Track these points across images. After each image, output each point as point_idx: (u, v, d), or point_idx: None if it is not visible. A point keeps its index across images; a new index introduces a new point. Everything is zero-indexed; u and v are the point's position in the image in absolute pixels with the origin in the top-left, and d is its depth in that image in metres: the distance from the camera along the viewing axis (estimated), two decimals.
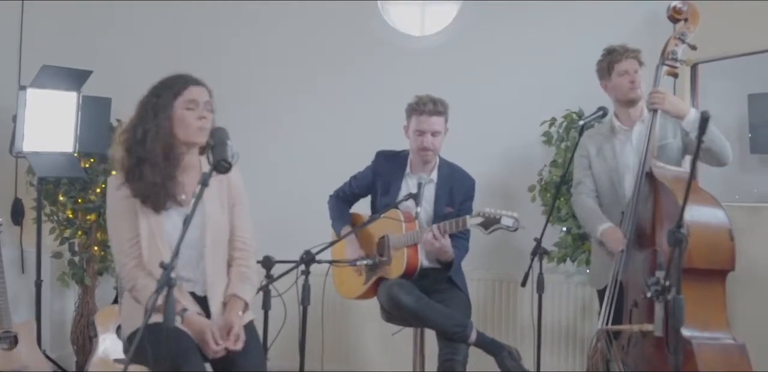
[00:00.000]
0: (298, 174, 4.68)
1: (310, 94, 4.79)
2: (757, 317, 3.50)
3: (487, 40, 4.65)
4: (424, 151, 3.46)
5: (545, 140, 4.42)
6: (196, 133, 2.52)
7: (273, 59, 4.83)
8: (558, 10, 4.52)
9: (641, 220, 3.01)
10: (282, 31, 4.87)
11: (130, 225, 2.55)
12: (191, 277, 2.60)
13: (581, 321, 4.40)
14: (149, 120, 2.55)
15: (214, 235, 2.63)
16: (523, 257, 4.43)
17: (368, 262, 3.16)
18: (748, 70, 3.94)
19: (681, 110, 3.11)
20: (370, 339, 4.62)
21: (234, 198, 2.72)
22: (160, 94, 2.57)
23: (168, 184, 2.53)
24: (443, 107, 3.47)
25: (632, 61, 3.33)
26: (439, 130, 3.46)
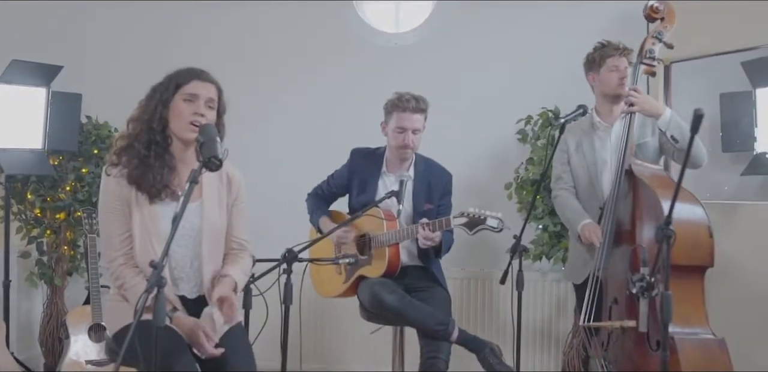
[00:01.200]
0: (275, 172, 4.65)
1: (287, 92, 4.77)
2: (728, 313, 3.55)
3: (462, 38, 4.67)
4: (404, 148, 3.45)
5: (520, 138, 4.45)
6: (188, 129, 2.48)
7: (249, 57, 4.78)
8: (533, 9, 4.56)
9: (620, 217, 3.04)
10: (258, 29, 4.85)
11: (122, 220, 2.50)
12: (183, 278, 2.56)
13: (556, 318, 4.44)
14: (145, 105, 2.54)
15: (211, 236, 2.59)
16: (498, 255, 4.49)
17: (350, 260, 3.13)
18: (720, 70, 4.01)
19: (657, 109, 3.15)
20: (348, 338, 4.60)
21: (234, 197, 2.68)
22: (165, 83, 2.55)
23: (162, 171, 2.49)
24: (425, 104, 3.47)
25: (624, 59, 3.37)
26: (420, 127, 3.46)
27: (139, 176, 2.47)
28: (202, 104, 2.51)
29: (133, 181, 2.48)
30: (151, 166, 2.47)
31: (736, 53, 3.91)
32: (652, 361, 2.74)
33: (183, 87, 2.52)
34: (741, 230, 3.80)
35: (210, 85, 2.57)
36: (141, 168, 2.47)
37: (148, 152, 2.48)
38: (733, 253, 3.58)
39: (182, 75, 2.56)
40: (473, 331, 3.37)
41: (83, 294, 4.46)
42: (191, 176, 2.16)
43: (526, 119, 4.36)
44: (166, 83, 2.55)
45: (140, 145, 2.49)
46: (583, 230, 3.27)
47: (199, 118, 2.48)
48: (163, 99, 2.51)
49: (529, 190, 4.23)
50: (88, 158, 4.51)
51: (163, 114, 2.50)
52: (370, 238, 3.47)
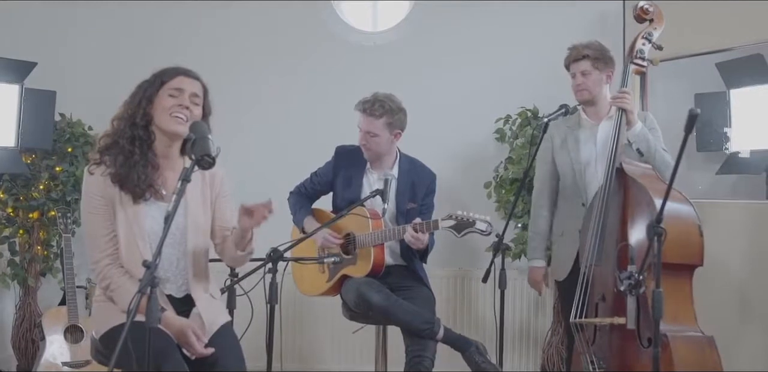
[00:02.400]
0: (255, 171, 4.60)
1: (266, 91, 4.73)
2: (706, 310, 3.61)
3: (440, 37, 4.69)
4: (364, 147, 3.49)
5: (498, 137, 4.47)
6: (171, 121, 2.44)
7: (227, 56, 4.72)
8: (511, 9, 4.59)
9: (609, 214, 3.06)
10: (236, 28, 4.79)
11: (106, 220, 2.45)
12: (169, 278, 2.52)
13: (534, 316, 4.47)
14: (133, 103, 2.49)
15: (196, 236, 2.55)
16: (476, 253, 4.52)
17: (335, 259, 3.11)
18: (695, 71, 4.07)
19: (635, 117, 3.18)
20: (329, 337, 4.58)
21: (217, 192, 2.64)
22: (150, 80, 2.51)
23: (145, 170, 2.44)
24: (382, 110, 3.43)
25: (581, 63, 3.37)
26: (375, 131, 3.44)
27: (123, 175, 2.42)
28: (187, 98, 2.48)
29: (117, 181, 2.43)
30: (135, 164, 2.43)
31: (711, 54, 3.98)
32: (643, 358, 2.76)
33: (168, 82, 2.49)
34: (715, 229, 3.83)
35: (195, 82, 2.54)
36: (125, 166, 2.42)
37: (132, 148, 2.44)
38: (708, 252, 3.63)
39: (168, 72, 2.53)
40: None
41: (57, 295, 4.39)
42: (183, 174, 2.12)
43: (505, 118, 4.38)
44: (152, 80, 2.52)
45: (124, 141, 2.45)
46: (529, 274, 3.60)
47: (183, 110, 2.45)
48: (148, 95, 2.48)
49: (508, 189, 4.26)
50: (62, 157, 4.42)
51: (147, 110, 2.47)
52: (354, 238, 3.46)
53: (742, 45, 3.83)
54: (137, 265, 2.37)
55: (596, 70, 3.35)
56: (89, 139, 4.52)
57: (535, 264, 3.55)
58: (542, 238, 3.54)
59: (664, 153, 3.22)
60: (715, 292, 3.77)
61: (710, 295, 3.75)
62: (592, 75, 3.36)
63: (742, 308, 3.68)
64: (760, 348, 3.54)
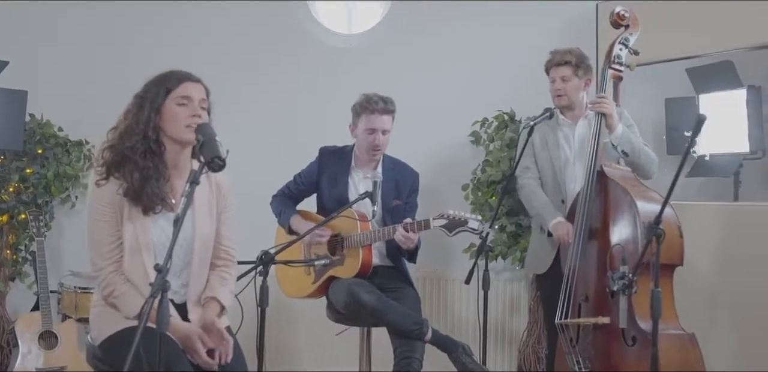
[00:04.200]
0: (235, 173, 4.57)
1: (243, 93, 4.68)
2: (681, 309, 3.72)
3: (416, 39, 4.71)
4: (375, 149, 3.49)
5: (473, 140, 4.52)
6: (186, 131, 2.39)
7: (201, 57, 4.65)
8: (487, 12, 4.63)
9: (591, 216, 3.13)
10: (210, 29, 4.75)
11: (112, 227, 2.41)
12: (171, 286, 2.48)
13: (510, 317, 4.53)
14: (134, 114, 2.41)
15: (202, 245, 2.52)
16: (451, 254, 4.56)
17: (325, 262, 3.12)
18: (666, 76, 4.16)
19: (615, 121, 3.25)
20: (312, 339, 4.57)
21: (223, 204, 2.61)
22: (151, 89, 2.43)
23: (158, 183, 2.39)
24: (393, 106, 3.51)
25: (562, 69, 3.45)
26: (389, 128, 3.50)
27: (138, 191, 2.37)
28: (197, 106, 2.43)
29: (131, 196, 2.38)
30: (149, 178, 2.38)
31: (681, 60, 4.08)
32: (628, 356, 2.84)
33: (174, 91, 2.42)
34: (684, 230, 3.94)
35: (200, 86, 2.50)
36: (140, 181, 2.37)
37: (146, 163, 2.38)
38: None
39: (171, 78, 2.45)
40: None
41: (27, 300, 4.30)
42: (191, 177, 2.10)
43: (482, 121, 4.43)
44: (155, 90, 2.43)
45: (138, 156, 2.38)
46: (556, 229, 3.35)
47: (197, 119, 2.40)
48: (156, 106, 2.40)
49: (485, 191, 4.30)
50: (33, 158, 4.33)
51: (156, 121, 2.40)
52: (342, 239, 3.47)
53: (712, 52, 3.94)
54: (138, 277, 2.38)
55: (576, 76, 3.45)
56: (60, 141, 4.45)
57: (558, 220, 3.36)
58: (549, 205, 3.45)
59: (648, 149, 3.32)
60: (685, 292, 3.87)
61: (680, 295, 3.85)
62: (572, 81, 3.45)
63: (711, 308, 3.78)
64: (729, 347, 3.64)
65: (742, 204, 3.91)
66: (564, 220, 3.37)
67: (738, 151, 3.92)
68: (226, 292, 2.57)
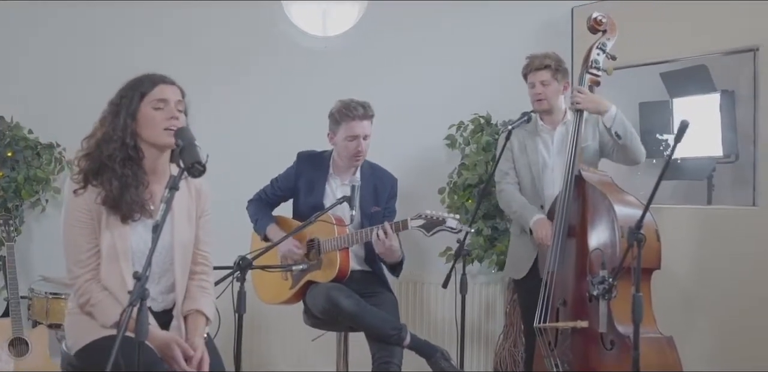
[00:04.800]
0: (209, 177, 4.52)
1: (217, 96, 4.61)
2: (656, 312, 3.74)
3: (392, 42, 4.70)
4: (357, 156, 3.46)
5: (449, 144, 4.52)
6: (165, 135, 2.35)
7: (174, 59, 4.59)
8: (463, 16, 4.63)
9: (569, 220, 3.15)
10: (183, 30, 4.70)
11: (89, 234, 2.36)
12: (149, 294, 2.44)
13: (485, 320, 4.53)
14: (110, 121, 2.36)
15: (182, 252, 2.49)
16: (426, 258, 4.55)
17: (303, 266, 3.10)
18: (640, 80, 4.19)
19: (602, 107, 3.27)
20: (288, 345, 4.55)
21: (202, 209, 2.57)
22: (126, 95, 2.38)
23: (137, 190, 2.35)
24: (372, 110, 3.48)
25: (541, 73, 3.47)
26: (370, 133, 3.47)
27: (117, 199, 2.33)
28: (174, 108, 2.39)
29: (110, 204, 2.34)
30: (128, 186, 2.34)
31: (656, 65, 4.12)
32: (606, 360, 2.85)
33: (149, 94, 2.38)
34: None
35: (175, 88, 2.45)
36: (119, 189, 2.33)
37: (124, 171, 2.34)
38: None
39: (144, 82, 2.40)
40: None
41: (1, 305, 4.20)
42: (171, 182, 2.07)
43: (458, 125, 4.43)
44: (129, 95, 2.38)
45: (117, 164, 2.34)
46: (536, 227, 3.35)
47: (175, 121, 2.36)
48: (131, 111, 2.36)
49: (461, 194, 4.30)
50: (2, 161, 4.25)
51: (133, 127, 2.35)
52: (319, 243, 3.44)
53: (686, 56, 3.98)
54: (116, 284, 2.34)
55: (555, 80, 3.47)
56: (30, 143, 4.37)
57: (538, 216, 3.39)
58: (528, 205, 3.46)
59: (636, 134, 3.33)
60: (660, 295, 3.91)
61: (654, 298, 3.89)
62: (552, 85, 3.46)
63: (686, 311, 3.82)
64: (704, 349, 3.68)
65: (715, 207, 3.95)
66: (545, 217, 3.37)
67: (711, 154, 3.96)
68: (208, 303, 2.54)
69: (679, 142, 2.26)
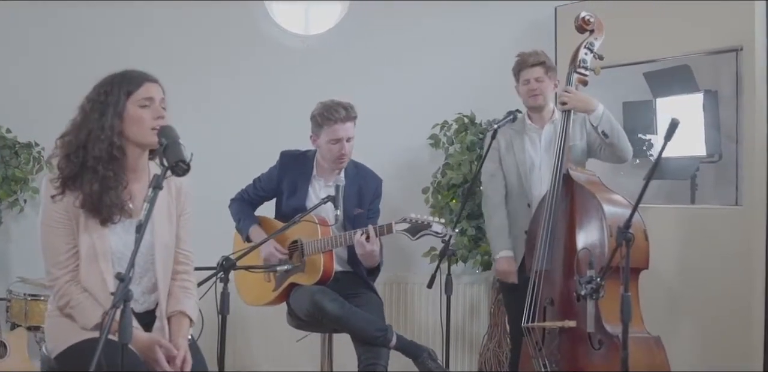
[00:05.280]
0: (195, 176, 4.47)
1: (199, 95, 4.57)
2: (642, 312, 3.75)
3: (375, 41, 4.67)
4: (341, 158, 3.41)
5: (432, 143, 4.50)
6: (151, 134, 2.29)
7: (155, 57, 4.53)
8: (447, 15, 4.61)
9: (556, 219, 3.13)
10: (163, 29, 4.63)
11: (67, 235, 2.30)
12: (132, 295, 2.38)
13: (470, 320, 4.52)
14: (95, 120, 2.29)
15: (163, 251, 2.43)
16: (411, 258, 4.53)
17: (287, 267, 3.06)
18: (623, 80, 4.20)
19: (590, 105, 3.26)
20: (271, 346, 4.50)
21: (182, 207, 2.52)
22: (109, 92, 2.31)
23: (117, 192, 2.29)
24: (354, 111, 3.43)
25: (536, 70, 3.46)
26: (353, 135, 3.43)
27: (96, 201, 2.27)
28: (159, 106, 2.34)
29: (89, 207, 2.27)
30: (108, 188, 2.28)
31: (639, 65, 4.13)
32: (594, 360, 2.84)
33: (135, 92, 2.31)
34: None
35: (158, 86, 2.39)
36: (99, 193, 2.27)
37: (107, 173, 2.28)
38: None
39: (130, 80, 2.33)
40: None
41: None
42: (154, 181, 2.02)
43: (442, 124, 4.41)
44: (116, 92, 2.31)
45: (101, 166, 2.27)
46: (499, 263, 3.49)
47: (162, 121, 2.31)
48: (118, 110, 2.29)
49: (445, 194, 4.29)
50: None
51: (120, 128, 2.29)
52: (302, 245, 3.40)
53: (669, 56, 3.99)
54: (96, 286, 2.28)
55: (548, 77, 3.47)
56: (8, 143, 4.30)
57: (504, 254, 3.47)
58: (504, 231, 3.51)
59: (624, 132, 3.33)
60: (644, 294, 3.91)
61: (639, 297, 3.90)
62: (545, 82, 3.46)
63: (670, 310, 3.82)
64: (689, 348, 3.69)
65: (698, 207, 3.96)
66: (510, 255, 3.45)
67: (695, 154, 3.97)
68: (192, 304, 2.49)
69: (669, 140, 2.24)
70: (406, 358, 3.28)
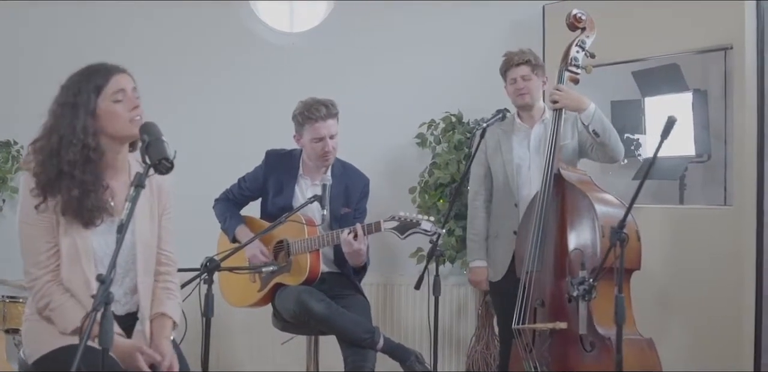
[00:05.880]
0: (178, 175, 4.39)
1: (183, 94, 4.51)
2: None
3: (361, 39, 4.61)
4: (326, 155, 3.36)
5: (419, 142, 4.45)
6: (130, 126, 2.22)
7: (140, 56, 4.45)
8: (433, 13, 4.56)
9: (547, 219, 3.08)
10: (148, 27, 4.55)
11: (48, 233, 2.23)
12: (113, 297, 2.31)
13: (457, 322, 4.47)
14: (66, 124, 2.21)
15: (145, 251, 2.36)
16: (398, 259, 4.47)
17: (273, 268, 2.99)
18: (611, 79, 4.16)
19: (581, 104, 3.21)
20: (256, 349, 4.43)
21: (164, 206, 2.45)
22: (77, 92, 2.22)
23: (98, 195, 2.22)
24: (335, 108, 3.38)
25: (522, 68, 3.42)
26: (336, 132, 3.37)
27: (78, 207, 2.20)
28: (132, 96, 2.25)
29: (69, 212, 2.20)
30: (89, 192, 2.20)
31: (628, 63, 4.09)
32: (586, 362, 2.80)
33: (105, 88, 2.22)
34: None
35: (127, 75, 2.30)
36: (80, 198, 2.20)
37: (85, 177, 2.20)
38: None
39: (96, 75, 2.24)
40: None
41: None
42: (136, 179, 1.95)
43: (429, 123, 4.36)
44: (85, 91, 2.22)
45: (78, 170, 2.20)
46: (473, 272, 3.57)
47: (139, 110, 2.24)
48: (90, 109, 2.21)
49: (432, 193, 4.24)
50: None
51: (94, 127, 2.21)
52: (288, 245, 3.33)
53: (658, 55, 3.95)
54: (79, 287, 2.20)
55: (536, 75, 3.43)
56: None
57: (477, 264, 3.54)
58: (481, 239, 3.54)
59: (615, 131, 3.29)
60: (633, 295, 3.88)
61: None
62: (532, 80, 3.43)
63: (660, 310, 3.79)
64: (680, 349, 3.65)
65: (687, 207, 3.94)
66: (484, 265, 3.52)
67: (684, 154, 3.93)
68: (174, 305, 2.43)
69: (666, 137, 2.19)
70: (393, 361, 3.23)
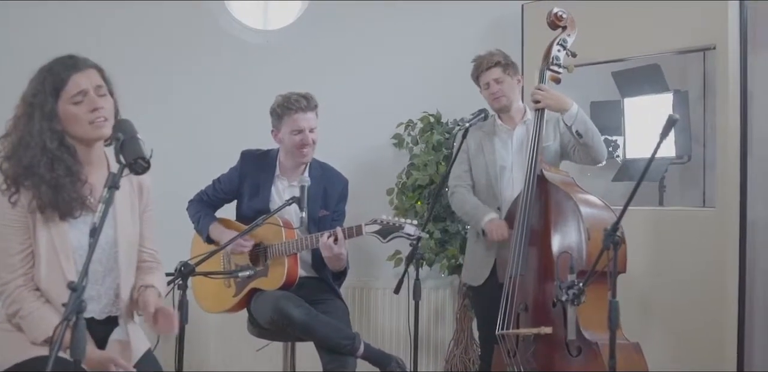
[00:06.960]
0: (155, 176, 4.28)
1: (160, 92, 4.39)
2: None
3: (337, 38, 4.53)
4: (304, 147, 3.26)
5: (396, 143, 4.37)
6: (92, 129, 2.13)
7: (115, 55, 4.27)
8: (409, 11, 4.50)
9: (531, 222, 3.02)
10: (123, 26, 4.43)
11: (21, 235, 2.11)
12: (93, 296, 2.20)
13: (434, 325, 4.40)
14: (23, 125, 2.12)
15: (127, 249, 2.26)
16: (374, 263, 4.39)
17: (249, 273, 2.87)
18: (591, 80, 4.13)
19: (563, 104, 3.15)
20: (230, 356, 4.31)
21: (145, 203, 2.35)
22: (36, 92, 2.12)
23: (74, 187, 2.12)
24: (315, 101, 3.31)
25: (493, 71, 3.36)
26: (315, 125, 3.29)
27: (52, 201, 2.10)
28: (94, 96, 2.14)
29: (44, 208, 2.10)
30: (61, 186, 2.11)
31: (607, 64, 4.05)
32: (571, 367, 2.74)
33: (63, 90, 2.12)
34: None
35: (91, 72, 2.18)
36: (52, 193, 2.10)
37: (53, 174, 2.10)
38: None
39: (55, 76, 2.13)
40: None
41: None
42: (110, 180, 1.84)
43: (407, 123, 4.28)
44: (41, 93, 2.12)
45: (42, 169, 2.10)
46: (489, 227, 3.21)
47: (100, 112, 2.13)
48: (47, 112, 2.11)
49: (410, 195, 4.16)
50: None
51: (55, 127, 2.11)
52: (265, 248, 3.23)
53: (638, 55, 3.92)
54: (58, 287, 2.08)
55: (508, 76, 3.36)
56: None
57: (490, 216, 3.24)
58: (480, 204, 3.34)
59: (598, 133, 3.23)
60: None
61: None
62: (506, 81, 3.36)
63: (641, 312, 3.76)
64: (662, 351, 3.62)
65: (667, 209, 3.91)
66: (497, 217, 3.24)
67: (664, 155, 3.90)
68: (158, 278, 2.36)
69: (666, 137, 2.14)
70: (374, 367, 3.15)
